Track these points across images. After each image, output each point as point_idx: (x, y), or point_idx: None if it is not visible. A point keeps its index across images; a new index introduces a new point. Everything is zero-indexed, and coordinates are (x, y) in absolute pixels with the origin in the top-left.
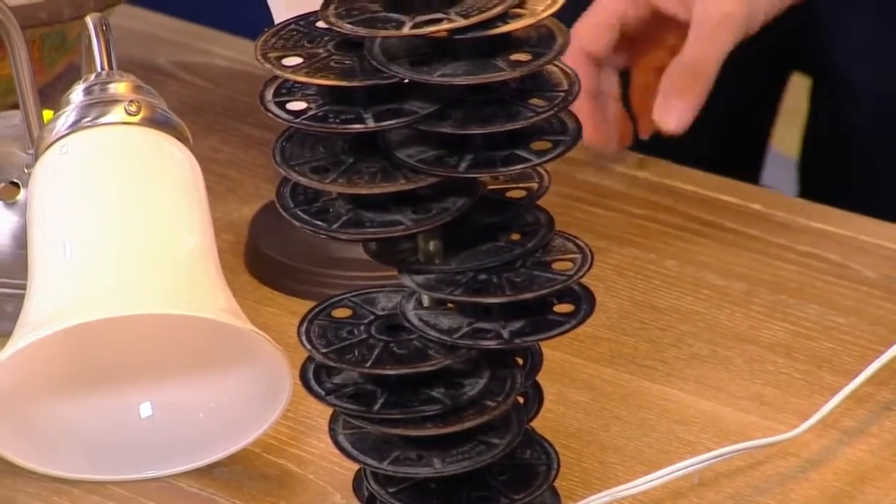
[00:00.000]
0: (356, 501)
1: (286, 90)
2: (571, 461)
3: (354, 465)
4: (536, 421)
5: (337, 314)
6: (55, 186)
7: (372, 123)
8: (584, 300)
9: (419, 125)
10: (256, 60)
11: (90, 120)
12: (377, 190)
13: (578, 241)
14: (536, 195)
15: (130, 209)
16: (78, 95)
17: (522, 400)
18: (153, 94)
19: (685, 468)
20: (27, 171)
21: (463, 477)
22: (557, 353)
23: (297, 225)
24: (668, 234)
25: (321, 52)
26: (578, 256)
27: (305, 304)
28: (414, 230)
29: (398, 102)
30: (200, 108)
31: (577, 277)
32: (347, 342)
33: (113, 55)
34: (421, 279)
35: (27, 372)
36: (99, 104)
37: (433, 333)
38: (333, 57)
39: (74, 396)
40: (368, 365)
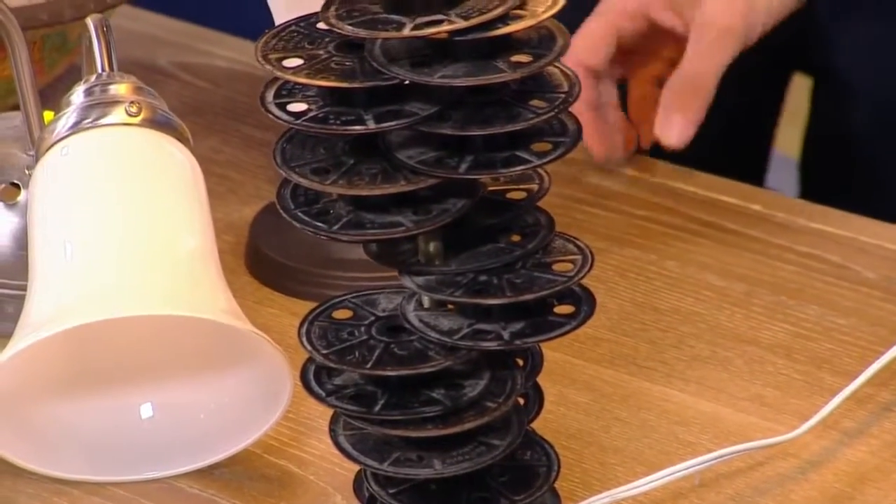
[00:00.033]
0: (357, 502)
1: (287, 91)
2: (572, 462)
3: (355, 466)
4: (537, 422)
5: (337, 315)
6: (56, 187)
7: (372, 125)
8: (584, 301)
9: (419, 126)
10: (257, 62)
11: (91, 121)
12: (378, 191)
13: (579, 242)
14: (537, 196)
15: (131, 210)
16: (78, 97)
17: (523, 401)
18: (154, 95)
19: (685, 469)
20: (28, 172)
21: (463, 478)
22: (558, 354)
23: (297, 226)
24: (668, 234)
25: (322, 53)
26: (579, 257)
27: (306, 305)
28: (414, 231)
29: (399, 104)
30: (201, 109)
31: (577, 279)
32: (348, 343)
33: (114, 56)
34: (421, 280)
35: (28, 373)
36: (100, 105)
37: (433, 335)
38: (334, 58)
39: (75, 397)
40: (369, 366)
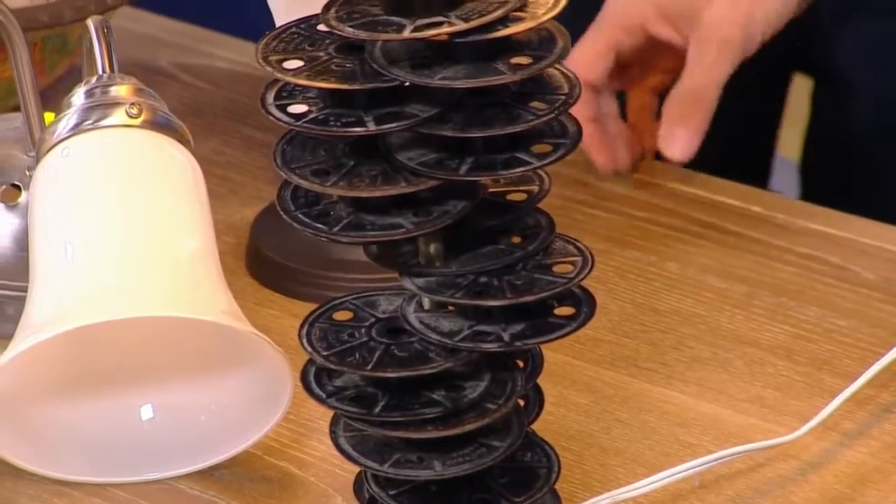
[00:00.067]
0: None
1: (287, 93)
2: (572, 463)
3: (355, 467)
4: (537, 423)
5: (338, 317)
6: (56, 189)
7: (373, 126)
8: (584, 303)
9: (420, 128)
10: (257, 63)
11: (91, 122)
12: (378, 193)
13: (579, 243)
14: (537, 198)
15: (132, 212)
16: (79, 98)
17: (523, 402)
18: (154, 96)
19: (686, 470)
20: (28, 173)
21: (463, 479)
22: (558, 355)
23: (297, 228)
24: (668, 236)
25: (322, 55)
26: (579, 259)
27: (306, 306)
28: (415, 233)
29: (399, 105)
30: (201, 110)
31: (577, 280)
32: (348, 345)
33: (114, 57)
34: (422, 282)
35: (28, 374)
36: (100, 107)
37: (434, 336)
38: (334, 60)
39: (75, 399)
40: (369, 367)
